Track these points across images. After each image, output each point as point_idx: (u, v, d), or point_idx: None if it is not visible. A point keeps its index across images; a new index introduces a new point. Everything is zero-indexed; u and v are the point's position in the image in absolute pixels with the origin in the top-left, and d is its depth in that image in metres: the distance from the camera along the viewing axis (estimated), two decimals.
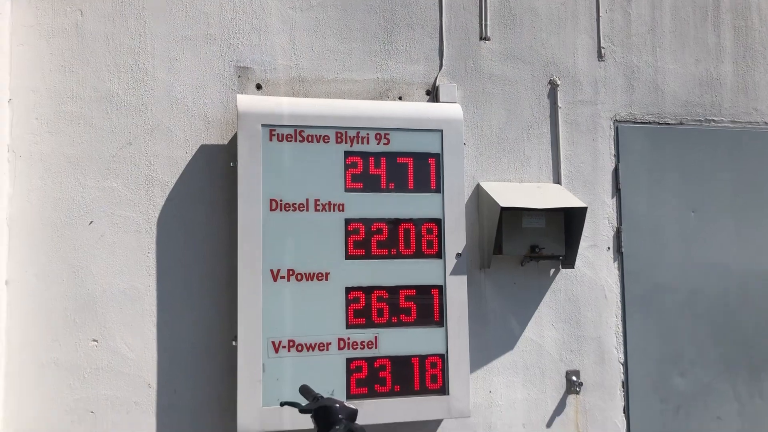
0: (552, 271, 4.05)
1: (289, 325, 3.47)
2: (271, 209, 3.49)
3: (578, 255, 3.96)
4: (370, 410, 3.49)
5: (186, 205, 3.58)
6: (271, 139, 3.52)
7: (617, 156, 4.20)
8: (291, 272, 3.50)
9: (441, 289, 3.67)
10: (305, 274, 3.52)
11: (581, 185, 4.13)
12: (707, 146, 4.35)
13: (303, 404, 2.59)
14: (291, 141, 3.54)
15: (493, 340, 3.92)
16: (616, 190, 4.19)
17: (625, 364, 4.10)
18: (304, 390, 2.75)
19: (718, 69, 4.42)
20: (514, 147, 4.06)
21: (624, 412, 4.08)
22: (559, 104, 4.14)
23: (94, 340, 3.41)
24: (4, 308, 3.31)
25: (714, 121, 4.39)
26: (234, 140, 3.58)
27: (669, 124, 4.32)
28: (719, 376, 4.24)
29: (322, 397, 2.58)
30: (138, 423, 3.42)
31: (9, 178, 3.39)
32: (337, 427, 2.37)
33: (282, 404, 2.75)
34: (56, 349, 3.37)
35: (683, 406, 4.17)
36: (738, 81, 4.44)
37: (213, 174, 3.62)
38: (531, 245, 3.89)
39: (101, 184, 3.49)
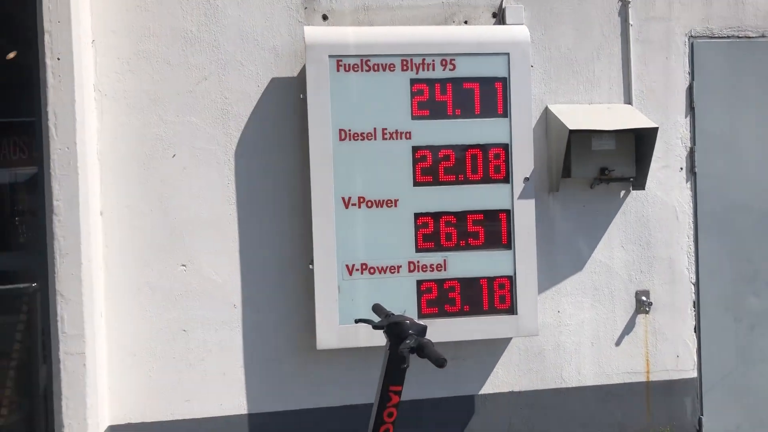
0: (622, 192, 4.04)
1: (361, 250, 3.63)
2: (341, 139, 3.60)
3: (649, 176, 3.92)
4: (440, 329, 3.65)
5: (260, 137, 3.73)
6: (338, 70, 3.59)
7: (691, 74, 4.07)
8: (361, 199, 3.63)
9: (509, 213, 3.73)
10: (375, 201, 3.64)
11: (653, 105, 4.04)
12: None
13: (375, 321, 2.75)
14: (357, 71, 3.61)
15: (561, 262, 3.98)
16: (690, 109, 4.08)
17: (697, 284, 4.09)
18: (377, 308, 2.91)
19: None
20: (583, 68, 3.99)
21: (695, 331, 4.10)
22: (631, 21, 4.01)
23: (183, 265, 3.68)
24: (100, 237, 3.60)
25: None
26: (303, 72, 3.68)
27: (749, 37, 4.13)
28: None
29: (393, 314, 2.73)
30: (226, 340, 3.71)
31: (97, 116, 3.61)
32: (408, 341, 2.52)
33: (356, 321, 2.93)
34: (149, 274, 3.65)
35: (758, 325, 4.15)
36: None
37: (284, 106, 3.74)
38: (600, 167, 3.87)
39: (181, 119, 3.68)
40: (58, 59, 3.36)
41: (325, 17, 3.79)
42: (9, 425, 3.71)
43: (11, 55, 4.64)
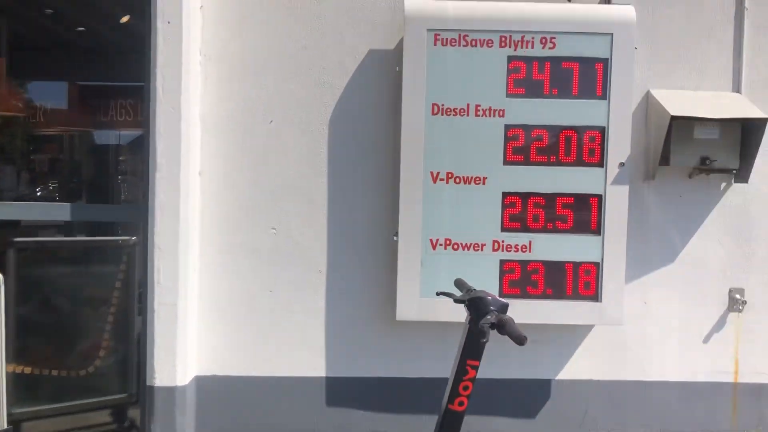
0: (723, 185, 3.86)
1: (446, 225, 3.64)
2: (433, 113, 3.60)
3: (754, 170, 3.73)
4: (521, 310, 3.59)
5: (354, 107, 3.79)
6: (435, 44, 3.59)
7: None
8: (450, 175, 3.64)
9: (600, 198, 3.64)
10: (463, 177, 3.64)
11: (764, 95, 3.83)
12: None
13: (457, 295, 2.77)
14: (455, 45, 3.59)
15: (652, 252, 3.86)
16: None
17: None
18: (459, 283, 2.93)
19: None
20: (689, 53, 3.83)
21: None
22: (746, 5, 3.81)
23: (273, 228, 3.80)
24: (198, 195, 3.77)
25: None
26: (400, 45, 3.69)
27: None
28: None
29: (475, 289, 2.74)
30: (310, 302, 3.82)
31: (201, 79, 3.76)
32: (488, 316, 2.52)
33: (438, 294, 2.95)
34: (241, 234, 3.80)
35: None
36: None
37: (379, 78, 3.78)
38: (701, 157, 3.71)
39: (280, 86, 3.78)
40: (169, 23, 3.51)
41: None
42: (105, 367, 3.97)
43: (125, 19, 4.88)
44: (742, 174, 3.73)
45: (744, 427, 3.91)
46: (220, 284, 3.80)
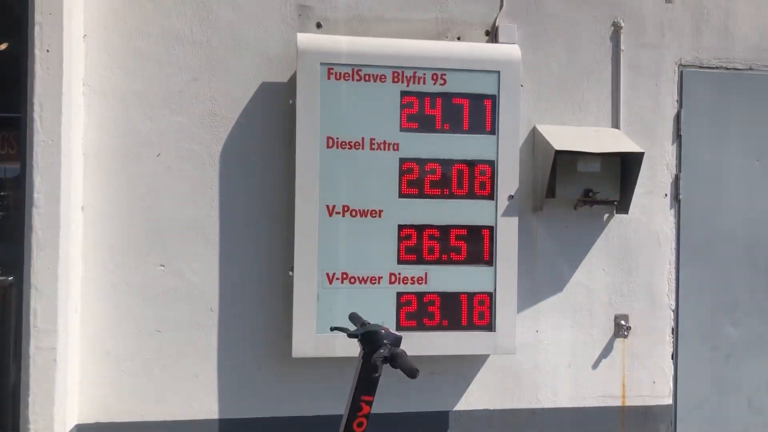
0: (606, 216, 4.05)
1: (343, 259, 3.61)
2: (328, 146, 3.60)
3: (633, 201, 3.93)
4: (418, 342, 3.63)
5: (247, 140, 3.72)
6: (329, 77, 3.60)
7: (680, 102, 4.11)
8: (346, 208, 3.62)
9: (492, 229, 3.73)
10: (360, 210, 3.64)
11: (640, 131, 4.08)
12: None
13: (351, 330, 2.74)
14: (348, 80, 3.62)
15: (542, 282, 3.98)
16: (677, 137, 4.11)
17: (676, 311, 4.10)
18: (353, 317, 2.90)
19: None
20: (572, 90, 4.02)
21: (672, 358, 4.11)
22: (622, 47, 4.05)
23: (162, 265, 3.65)
24: (80, 232, 3.57)
25: None
26: (294, 78, 3.68)
27: (737, 69, 4.18)
28: None
29: (369, 323, 2.72)
30: (201, 343, 3.67)
31: (84, 110, 3.59)
32: (381, 350, 2.50)
33: (332, 329, 2.91)
34: (127, 272, 3.62)
35: (734, 355, 4.16)
36: None
37: (273, 111, 3.74)
38: (585, 189, 3.88)
39: (168, 118, 3.66)
40: (48, 51, 3.34)
41: (319, 25, 3.80)
42: None
43: (2, 46, 4.62)
44: (622, 205, 3.93)
45: None
46: (105, 325, 3.59)
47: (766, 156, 4.18)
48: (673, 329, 4.10)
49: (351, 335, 2.68)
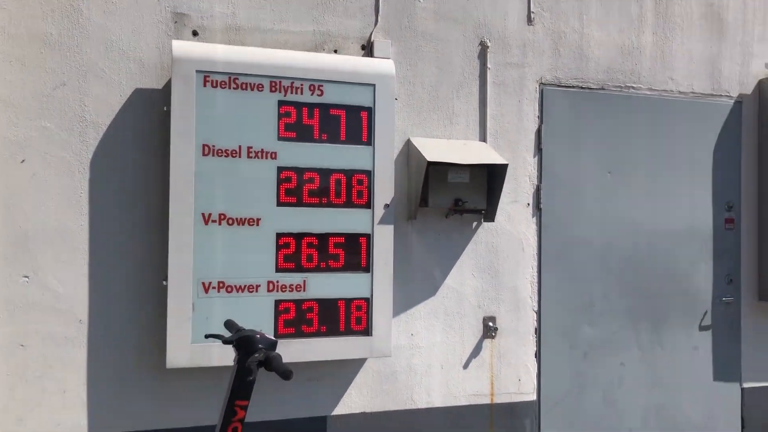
0: (474, 224, 4.28)
1: (219, 267, 3.60)
2: (204, 154, 3.59)
3: (499, 209, 4.19)
4: (297, 349, 3.68)
5: (120, 147, 3.64)
6: (205, 85, 3.59)
7: (540, 117, 4.43)
8: (222, 216, 3.62)
9: (368, 237, 3.85)
10: (237, 219, 3.65)
11: (505, 144, 4.35)
12: (625, 112, 4.61)
13: (226, 337, 2.75)
14: (225, 88, 3.63)
15: (416, 287, 4.15)
16: (538, 150, 4.42)
17: (539, 312, 4.39)
18: (229, 324, 2.91)
19: (639, 38, 4.66)
20: (443, 105, 4.24)
21: (535, 357, 4.39)
22: (489, 65, 4.32)
23: (25, 276, 3.48)
24: None
25: (633, 88, 4.64)
26: (168, 85, 3.64)
27: (591, 89, 4.56)
28: (625, 326, 4.58)
29: (244, 329, 2.74)
30: (69, 356, 3.53)
31: None
32: (256, 354, 2.54)
33: (206, 336, 2.91)
34: None
35: (590, 353, 4.51)
36: (656, 51, 4.70)
37: (147, 118, 3.68)
38: (455, 199, 4.09)
39: (34, 123, 3.52)
40: None
41: (195, 33, 3.79)
42: None
43: None
44: (489, 214, 4.18)
45: None
46: None
47: (617, 168, 4.58)
48: (536, 329, 4.39)
49: (226, 341, 2.70)
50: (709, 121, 4.81)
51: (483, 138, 4.30)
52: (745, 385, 4.86)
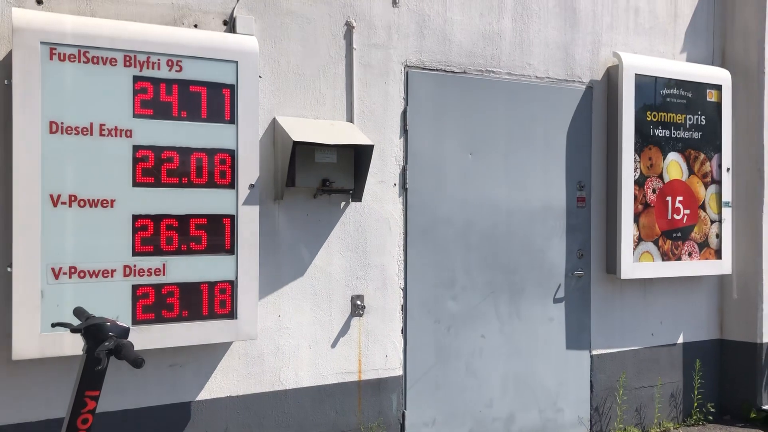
0: (342, 204, 4.31)
1: (70, 252, 3.41)
2: (51, 132, 3.36)
3: (366, 189, 4.24)
4: (157, 335, 3.57)
5: None
6: (51, 59, 3.36)
7: (406, 99, 4.51)
8: (73, 198, 3.42)
9: (233, 218, 3.78)
10: (89, 200, 3.46)
11: (372, 125, 4.39)
12: (486, 95, 4.79)
13: (75, 324, 2.61)
14: (74, 61, 3.41)
15: (284, 268, 4.12)
16: (404, 131, 4.51)
17: (405, 290, 4.51)
18: (78, 312, 2.77)
19: (500, 24, 4.84)
20: (310, 84, 4.21)
21: (402, 333, 4.51)
22: (355, 46, 4.33)
23: None
24: None
25: (494, 72, 4.82)
26: (9, 57, 3.37)
27: (454, 72, 4.69)
28: (485, 300, 4.80)
29: (94, 317, 2.62)
30: None
31: None
32: (107, 343, 2.43)
33: (53, 325, 2.76)
34: None
35: (453, 326, 4.69)
36: (516, 37, 4.90)
37: None
38: (323, 179, 4.09)
39: None
40: None
41: (39, 2, 3.52)
42: None
43: None
44: (356, 194, 4.22)
45: (368, 420, 4.38)
46: None
47: (477, 150, 4.75)
48: (402, 306, 4.50)
49: (74, 330, 2.57)
50: (564, 105, 5.09)
51: (350, 119, 4.32)
52: (594, 352, 5.24)
